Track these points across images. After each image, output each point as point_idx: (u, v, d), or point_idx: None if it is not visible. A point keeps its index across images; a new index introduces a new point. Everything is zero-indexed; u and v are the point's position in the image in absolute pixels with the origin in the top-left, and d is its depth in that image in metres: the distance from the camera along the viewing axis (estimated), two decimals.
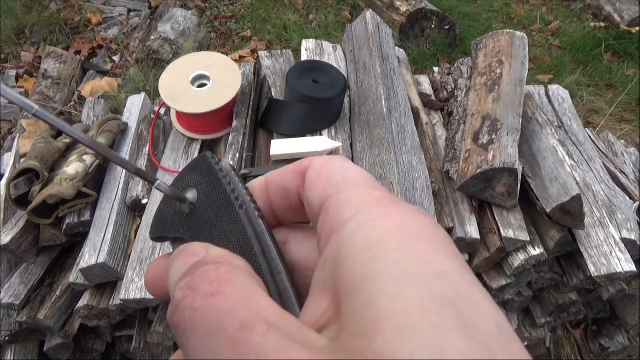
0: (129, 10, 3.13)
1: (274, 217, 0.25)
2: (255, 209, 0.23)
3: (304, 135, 1.23)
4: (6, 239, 1.10)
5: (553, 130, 1.36)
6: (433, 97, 1.49)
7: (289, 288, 0.21)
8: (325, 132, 1.25)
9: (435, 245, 0.18)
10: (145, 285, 0.24)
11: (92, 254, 1.07)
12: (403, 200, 0.21)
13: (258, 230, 0.22)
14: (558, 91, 1.58)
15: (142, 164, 1.27)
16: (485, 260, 1.14)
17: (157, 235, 0.26)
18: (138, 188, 1.19)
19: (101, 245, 1.09)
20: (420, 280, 0.16)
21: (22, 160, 1.24)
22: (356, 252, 0.18)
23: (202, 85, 1.27)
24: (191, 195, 0.25)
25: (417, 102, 1.42)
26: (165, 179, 1.21)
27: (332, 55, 1.50)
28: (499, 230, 1.12)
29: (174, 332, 0.18)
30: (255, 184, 0.25)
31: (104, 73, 2.67)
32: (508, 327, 0.16)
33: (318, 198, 0.21)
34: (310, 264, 0.23)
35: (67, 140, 1.22)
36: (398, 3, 2.80)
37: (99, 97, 2.29)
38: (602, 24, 3.13)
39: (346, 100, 1.33)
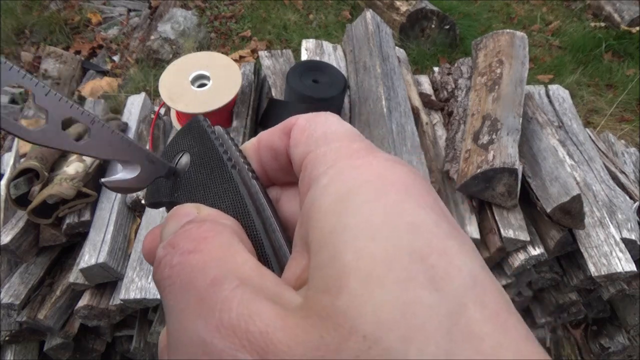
0: (129, 10, 3.13)
1: (267, 178, 0.24)
2: (248, 169, 0.23)
3: None
4: (6, 239, 1.10)
5: (553, 130, 1.36)
6: (433, 97, 1.49)
7: (284, 245, 0.21)
8: None
9: (411, 195, 0.17)
10: (143, 255, 0.23)
11: (92, 254, 1.07)
12: (381, 150, 0.20)
13: (252, 190, 0.22)
14: (558, 91, 1.58)
15: None
16: (485, 260, 1.14)
17: (152, 201, 0.26)
18: None
19: (101, 245, 1.09)
20: (389, 233, 0.15)
21: (22, 160, 1.24)
22: (326, 205, 0.17)
23: (202, 85, 1.27)
24: (184, 158, 0.25)
25: (417, 102, 1.42)
26: None
27: (332, 55, 1.50)
28: (499, 230, 1.12)
29: (157, 290, 0.18)
30: (247, 146, 0.25)
31: (104, 73, 2.67)
32: (486, 279, 0.15)
33: (299, 155, 0.21)
34: None
35: None
36: (398, 3, 2.80)
37: (99, 97, 2.29)
38: (602, 24, 3.13)
39: (346, 100, 1.33)
